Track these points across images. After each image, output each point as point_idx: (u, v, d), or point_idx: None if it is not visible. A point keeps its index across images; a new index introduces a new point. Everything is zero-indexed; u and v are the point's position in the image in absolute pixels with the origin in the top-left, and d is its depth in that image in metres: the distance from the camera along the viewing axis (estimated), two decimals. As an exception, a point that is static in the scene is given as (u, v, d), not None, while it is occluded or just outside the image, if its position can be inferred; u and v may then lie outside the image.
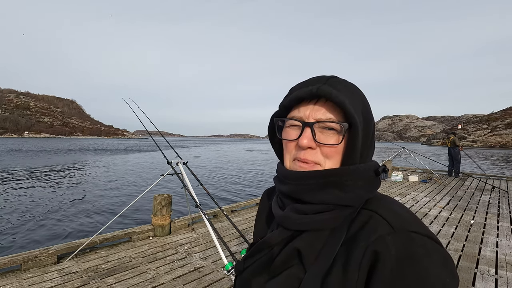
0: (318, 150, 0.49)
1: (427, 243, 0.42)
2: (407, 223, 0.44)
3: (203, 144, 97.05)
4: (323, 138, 0.49)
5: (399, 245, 0.41)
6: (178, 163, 3.35)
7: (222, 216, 4.90)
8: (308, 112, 0.50)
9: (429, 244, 0.42)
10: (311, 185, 0.48)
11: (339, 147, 0.48)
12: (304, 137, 0.48)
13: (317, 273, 0.44)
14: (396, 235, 0.42)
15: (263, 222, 0.63)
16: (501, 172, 18.66)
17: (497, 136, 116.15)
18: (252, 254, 0.55)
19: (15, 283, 2.62)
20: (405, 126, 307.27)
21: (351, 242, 0.44)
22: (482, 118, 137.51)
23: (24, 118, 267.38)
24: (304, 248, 0.47)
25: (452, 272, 0.41)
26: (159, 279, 2.76)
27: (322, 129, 0.49)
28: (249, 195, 10.18)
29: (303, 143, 0.48)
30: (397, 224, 0.43)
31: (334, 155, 0.49)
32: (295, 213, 0.49)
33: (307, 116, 0.49)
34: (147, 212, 7.21)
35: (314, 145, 0.49)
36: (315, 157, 0.49)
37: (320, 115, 0.49)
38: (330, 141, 0.48)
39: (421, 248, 0.41)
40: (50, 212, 7.43)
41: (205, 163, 23.22)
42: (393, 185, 8.55)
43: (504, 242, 3.94)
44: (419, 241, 0.41)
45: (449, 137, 11.07)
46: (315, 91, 0.48)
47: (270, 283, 0.49)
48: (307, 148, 0.49)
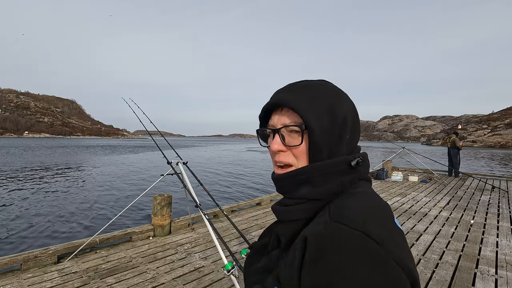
0: (290, 152, 0.54)
1: (354, 237, 0.40)
2: (345, 216, 0.44)
3: (203, 144, 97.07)
4: (291, 140, 0.54)
5: (323, 235, 0.42)
6: (178, 163, 3.36)
7: (222, 216, 4.90)
8: (276, 119, 0.55)
9: (356, 239, 0.40)
10: (288, 185, 0.54)
11: (302, 147, 0.52)
12: (274, 142, 0.54)
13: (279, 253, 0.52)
14: (326, 225, 0.44)
15: None
16: (501, 172, 18.66)
17: (497, 136, 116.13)
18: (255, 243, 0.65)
19: (15, 283, 2.62)
20: (405, 126, 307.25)
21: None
22: (482, 118, 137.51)
23: (24, 118, 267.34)
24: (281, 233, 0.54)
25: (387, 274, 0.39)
26: (159, 279, 2.76)
27: (289, 133, 0.54)
28: (249, 195, 10.18)
29: (273, 147, 0.54)
30: (335, 216, 0.45)
31: (301, 155, 0.53)
32: (279, 205, 0.56)
33: (275, 123, 0.55)
34: (147, 212, 7.21)
35: (283, 148, 0.54)
36: (288, 158, 0.54)
37: (286, 120, 0.54)
38: (296, 142, 0.53)
39: (343, 241, 0.40)
40: (50, 212, 7.43)
41: (205, 163, 23.22)
42: (393, 185, 8.55)
43: (504, 242, 3.94)
44: (344, 234, 0.41)
45: (450, 137, 11.05)
46: (273, 100, 0.55)
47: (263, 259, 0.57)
48: (278, 152, 0.54)
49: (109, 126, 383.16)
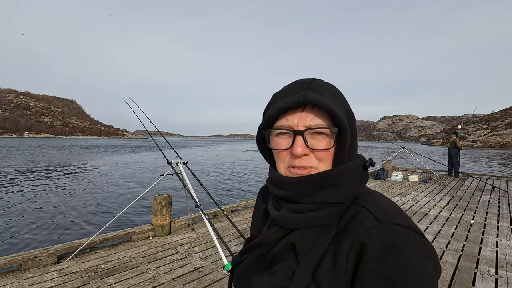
0: (312, 155, 0.51)
1: (409, 234, 0.45)
2: (391, 216, 0.46)
3: (203, 144, 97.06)
4: (315, 143, 0.50)
5: (383, 237, 0.44)
6: (178, 163, 3.36)
7: (222, 216, 4.90)
8: (297, 120, 0.51)
9: (411, 235, 0.45)
10: (308, 189, 0.50)
11: (330, 150, 0.51)
12: (298, 145, 0.50)
13: (309, 264, 0.47)
14: (381, 228, 0.45)
15: (260, 218, 0.67)
16: (501, 172, 18.66)
17: (497, 136, 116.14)
18: (249, 248, 0.57)
19: (15, 283, 2.62)
20: (405, 126, 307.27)
21: (340, 235, 0.47)
22: (482, 118, 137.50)
23: (24, 118, 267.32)
24: (298, 242, 0.50)
25: (434, 261, 0.44)
26: (159, 279, 2.76)
27: (312, 135, 0.50)
28: (249, 195, 10.18)
29: (297, 151, 0.49)
30: (382, 217, 0.46)
31: (326, 158, 0.51)
32: (291, 212, 0.52)
33: (296, 124, 0.50)
34: (147, 212, 7.21)
35: (308, 152, 0.50)
36: (310, 162, 0.51)
37: (309, 122, 0.50)
38: (321, 145, 0.50)
39: (403, 239, 0.44)
40: (50, 212, 7.43)
41: (205, 163, 23.22)
42: (393, 185, 8.55)
43: (504, 242, 3.94)
44: (402, 233, 0.44)
45: (450, 137, 11.03)
46: (302, 99, 0.49)
47: (266, 274, 0.51)
48: (302, 155, 0.50)
49: (109, 126, 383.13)
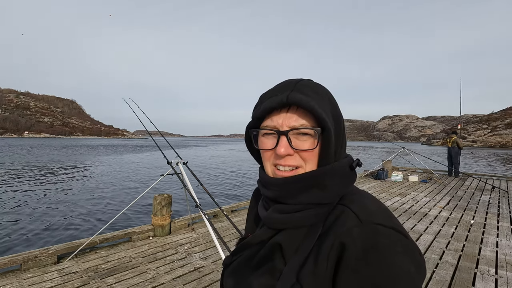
0: (297, 155, 0.51)
1: (391, 234, 0.44)
2: (374, 216, 0.46)
3: (203, 144, 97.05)
4: (299, 143, 0.51)
5: (364, 237, 0.44)
6: (178, 163, 3.36)
7: (222, 216, 4.90)
8: (281, 121, 0.51)
9: (393, 236, 0.44)
10: (293, 189, 0.51)
11: (315, 150, 0.51)
12: (281, 146, 0.50)
13: (294, 265, 0.47)
14: (362, 227, 0.45)
15: (253, 219, 0.68)
16: (501, 172, 18.65)
17: (497, 136, 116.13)
18: (239, 249, 0.58)
19: (15, 283, 2.62)
20: (405, 126, 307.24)
21: (324, 235, 0.47)
22: (482, 118, 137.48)
23: (24, 118, 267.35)
24: (285, 242, 0.50)
25: (418, 262, 0.44)
26: (159, 279, 2.76)
27: (297, 135, 0.51)
28: (250, 195, 10.17)
29: (280, 152, 0.50)
30: (364, 217, 0.46)
31: (311, 158, 0.51)
32: (278, 213, 0.52)
33: (281, 125, 0.51)
34: (147, 212, 7.21)
35: (291, 152, 0.51)
36: (295, 161, 0.51)
37: (293, 122, 0.50)
38: (306, 145, 0.51)
39: (385, 239, 0.43)
40: (50, 212, 7.43)
41: (205, 163, 23.23)
42: (393, 185, 8.55)
43: (504, 242, 3.94)
44: (383, 232, 0.44)
45: (450, 137, 11.00)
46: (285, 100, 0.50)
47: (254, 275, 0.51)
48: (285, 156, 0.51)
49: (109, 126, 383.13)
